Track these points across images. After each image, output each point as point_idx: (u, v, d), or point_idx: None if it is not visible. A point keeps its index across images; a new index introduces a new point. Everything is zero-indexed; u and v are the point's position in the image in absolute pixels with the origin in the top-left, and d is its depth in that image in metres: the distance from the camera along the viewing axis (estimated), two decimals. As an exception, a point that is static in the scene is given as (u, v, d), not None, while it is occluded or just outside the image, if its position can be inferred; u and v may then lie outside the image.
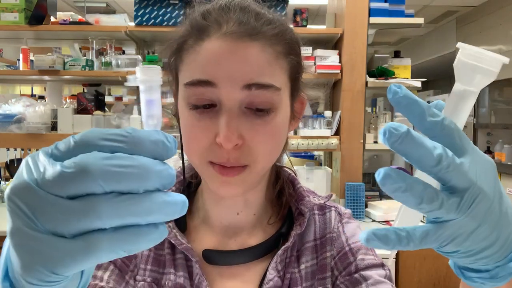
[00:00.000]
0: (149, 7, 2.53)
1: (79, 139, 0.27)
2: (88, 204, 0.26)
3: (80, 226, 0.26)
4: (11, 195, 0.27)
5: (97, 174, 0.25)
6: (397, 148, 0.31)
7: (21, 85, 4.85)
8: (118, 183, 0.26)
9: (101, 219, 0.26)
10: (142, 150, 0.27)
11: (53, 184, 0.26)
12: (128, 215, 0.26)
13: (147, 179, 0.26)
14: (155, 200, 0.27)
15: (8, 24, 2.62)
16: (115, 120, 2.58)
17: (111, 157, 0.26)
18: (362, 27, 2.57)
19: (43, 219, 0.26)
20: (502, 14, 5.13)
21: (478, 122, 6.02)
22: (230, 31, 0.54)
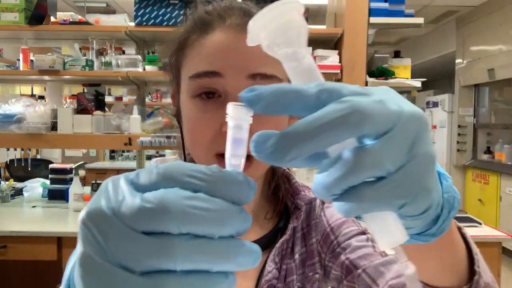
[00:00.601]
0: (149, 7, 2.53)
1: (163, 172, 0.26)
2: (163, 243, 0.24)
3: (151, 264, 0.24)
4: (86, 220, 0.26)
5: (177, 214, 0.24)
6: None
7: (21, 85, 4.85)
8: (195, 226, 0.25)
9: (174, 261, 0.24)
10: (224, 192, 0.26)
11: (130, 217, 0.25)
12: (201, 261, 0.25)
13: (225, 226, 0.25)
14: (230, 248, 0.25)
15: (8, 24, 2.62)
16: (115, 120, 2.58)
17: (193, 198, 0.25)
18: (362, 27, 2.57)
19: (115, 251, 0.25)
20: (502, 14, 5.13)
21: (478, 122, 6.02)
22: (233, 24, 0.57)
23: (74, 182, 2.60)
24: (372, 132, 0.26)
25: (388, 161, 0.26)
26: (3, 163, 4.20)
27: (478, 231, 2.25)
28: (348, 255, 0.64)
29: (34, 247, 2.16)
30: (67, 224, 2.34)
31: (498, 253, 2.19)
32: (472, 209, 5.54)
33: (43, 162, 4.79)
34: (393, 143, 0.26)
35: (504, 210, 4.96)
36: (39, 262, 2.41)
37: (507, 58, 4.99)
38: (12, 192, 2.91)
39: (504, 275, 2.35)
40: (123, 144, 2.54)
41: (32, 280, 2.73)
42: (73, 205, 2.55)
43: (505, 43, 5.06)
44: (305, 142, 0.25)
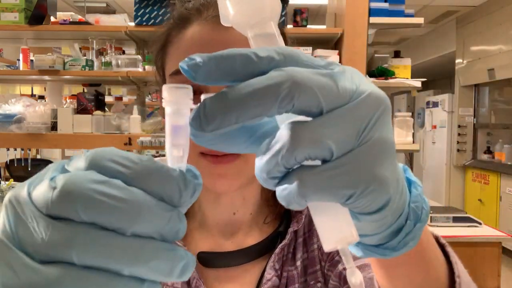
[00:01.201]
0: (149, 7, 2.53)
1: (90, 156, 0.23)
2: (62, 230, 0.21)
3: (49, 252, 0.22)
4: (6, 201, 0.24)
5: (78, 198, 0.21)
6: None
7: (21, 85, 4.85)
8: (101, 216, 0.21)
9: (70, 252, 0.21)
10: (147, 184, 0.22)
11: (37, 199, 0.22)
12: (105, 255, 0.21)
13: (137, 220, 0.21)
14: (144, 249, 0.21)
15: (8, 24, 2.62)
16: (115, 120, 2.58)
17: (103, 182, 0.21)
18: (362, 27, 2.57)
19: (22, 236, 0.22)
20: (502, 14, 5.13)
21: (478, 122, 6.02)
22: (210, 16, 0.55)
23: (74, 182, 2.60)
24: (310, 107, 0.22)
25: (331, 140, 0.22)
26: (3, 163, 4.20)
27: (478, 231, 2.26)
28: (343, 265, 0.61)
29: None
30: (67, 224, 2.33)
31: (498, 253, 2.19)
32: (472, 209, 5.54)
33: (43, 162, 4.79)
34: (339, 121, 0.23)
35: (504, 210, 4.96)
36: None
37: (507, 58, 4.99)
38: (12, 192, 2.90)
39: (504, 275, 2.35)
40: (123, 144, 2.54)
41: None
42: (73, 205, 2.55)
43: (505, 43, 5.06)
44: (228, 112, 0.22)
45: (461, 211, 2.40)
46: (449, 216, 2.31)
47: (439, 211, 2.35)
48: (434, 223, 2.29)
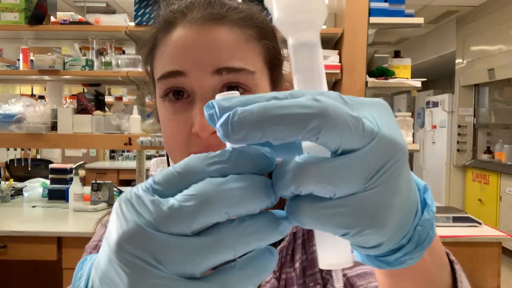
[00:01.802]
0: (149, 7, 2.53)
1: (183, 170, 0.24)
2: (218, 237, 0.23)
3: (211, 262, 0.23)
4: (123, 244, 0.23)
5: (221, 201, 0.23)
6: None
7: (21, 85, 4.85)
8: (240, 208, 0.23)
9: (234, 251, 0.23)
10: (247, 167, 0.24)
11: (173, 223, 0.22)
12: (253, 240, 0.24)
13: (264, 199, 0.24)
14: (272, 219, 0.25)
15: (8, 24, 2.62)
16: (115, 120, 2.58)
17: (227, 182, 0.23)
18: (362, 27, 2.57)
19: (169, 263, 0.22)
20: (502, 14, 5.13)
21: (478, 122, 6.02)
22: (194, 18, 0.54)
23: (74, 182, 2.60)
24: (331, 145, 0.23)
25: (337, 184, 0.23)
26: (3, 163, 4.20)
27: (478, 231, 2.26)
28: (346, 271, 0.60)
29: (34, 247, 2.16)
30: (67, 224, 2.34)
31: (498, 253, 2.19)
32: (472, 209, 5.54)
33: (43, 162, 4.79)
34: (350, 166, 0.23)
35: (504, 210, 4.96)
36: (39, 262, 2.41)
37: (507, 58, 4.99)
38: (12, 192, 2.91)
39: (504, 275, 2.35)
40: (123, 144, 2.54)
41: (32, 280, 2.73)
42: (73, 205, 2.55)
43: (505, 43, 5.06)
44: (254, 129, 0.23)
45: (461, 211, 2.40)
46: (449, 216, 2.31)
47: (439, 211, 2.35)
48: (434, 223, 2.29)
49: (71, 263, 2.14)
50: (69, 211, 2.55)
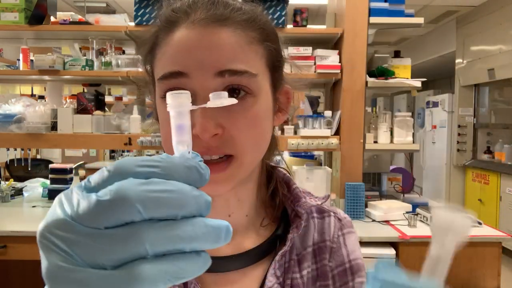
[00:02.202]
0: (149, 7, 2.53)
1: (113, 169, 0.26)
2: (129, 231, 0.24)
3: (121, 255, 0.24)
4: (44, 232, 0.26)
5: (136, 200, 0.24)
6: None
7: (21, 85, 4.85)
8: (156, 209, 0.25)
9: (144, 246, 0.24)
10: (176, 176, 0.26)
11: (89, 216, 0.25)
12: (171, 241, 0.25)
13: (185, 205, 0.25)
14: (197, 226, 0.26)
15: (8, 24, 2.62)
16: (115, 120, 2.58)
17: (148, 183, 0.25)
18: (362, 27, 2.57)
19: (82, 253, 0.25)
20: (502, 14, 5.13)
21: (478, 122, 6.02)
22: (198, 19, 0.53)
23: (74, 182, 2.61)
24: None
25: None
26: (3, 163, 4.20)
27: (478, 231, 2.26)
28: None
29: (34, 247, 2.14)
30: (67, 224, 2.34)
31: (498, 253, 2.19)
32: (472, 209, 5.54)
33: (43, 162, 4.79)
34: None
35: (504, 210, 4.96)
36: (39, 262, 2.41)
37: (507, 58, 4.99)
38: (12, 192, 2.91)
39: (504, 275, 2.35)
40: (123, 144, 2.54)
41: (32, 280, 2.73)
42: (73, 205, 2.55)
43: (505, 43, 5.05)
44: None
45: (461, 211, 2.39)
46: (449, 216, 2.30)
47: (439, 211, 2.35)
48: (434, 223, 2.29)
49: (71, 263, 2.14)
50: (69, 211, 2.55)
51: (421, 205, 2.60)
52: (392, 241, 2.16)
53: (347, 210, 2.50)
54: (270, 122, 0.58)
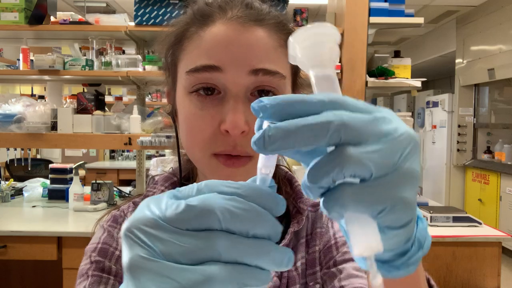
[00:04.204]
0: (149, 6, 2.53)
1: (203, 185, 0.30)
2: (208, 236, 0.28)
3: (198, 255, 0.27)
4: (130, 227, 0.28)
5: (218, 210, 0.27)
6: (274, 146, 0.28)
7: (21, 85, 4.85)
8: (233, 223, 0.28)
9: (218, 251, 0.27)
10: (255, 199, 0.29)
11: (176, 217, 0.28)
12: (241, 253, 0.28)
13: (260, 225, 0.28)
14: (266, 246, 0.28)
15: (8, 24, 2.62)
16: (115, 120, 2.58)
17: (231, 199, 0.28)
18: (362, 27, 2.57)
19: (163, 248, 0.27)
20: (502, 14, 5.13)
21: (478, 122, 6.02)
22: (235, 16, 0.53)
23: (74, 182, 2.61)
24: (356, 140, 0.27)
25: (373, 165, 0.27)
26: (3, 163, 4.20)
27: (478, 231, 2.26)
28: (343, 283, 0.60)
29: (34, 247, 2.16)
30: (67, 224, 2.34)
31: (498, 253, 2.19)
32: (472, 209, 5.54)
33: (43, 162, 4.79)
34: (381, 151, 0.28)
35: (504, 210, 4.96)
36: (39, 262, 2.42)
37: (507, 58, 4.99)
38: (12, 192, 2.91)
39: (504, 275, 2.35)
40: (123, 144, 2.54)
41: (32, 280, 2.73)
42: (73, 205, 2.56)
43: (505, 43, 5.05)
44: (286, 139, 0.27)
45: (461, 211, 2.40)
46: (449, 216, 2.31)
47: (439, 211, 2.35)
48: (434, 223, 2.29)
49: (71, 263, 2.14)
50: (69, 211, 2.55)
51: (421, 205, 2.60)
52: (392, 241, 2.15)
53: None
54: None
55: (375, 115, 0.29)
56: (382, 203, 0.28)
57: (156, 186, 0.69)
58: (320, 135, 0.27)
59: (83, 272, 0.60)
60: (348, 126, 0.27)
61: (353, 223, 0.29)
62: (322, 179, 0.28)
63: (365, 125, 0.28)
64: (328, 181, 0.28)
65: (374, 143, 0.28)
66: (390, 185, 0.28)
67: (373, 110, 0.29)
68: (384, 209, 0.28)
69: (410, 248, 0.33)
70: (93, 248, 0.63)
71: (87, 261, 0.61)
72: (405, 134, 0.29)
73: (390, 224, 0.29)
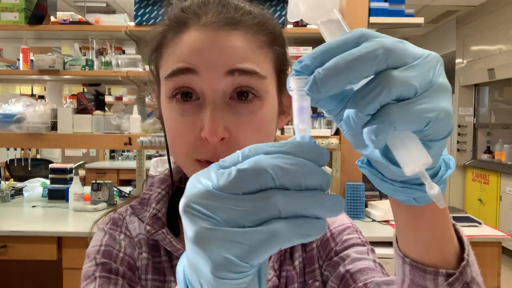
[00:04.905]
0: (149, 6, 2.53)
1: (247, 150, 0.30)
2: (265, 195, 0.29)
3: (259, 216, 0.28)
4: (188, 203, 0.29)
5: (269, 167, 0.28)
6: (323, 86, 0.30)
7: (21, 85, 4.85)
8: (286, 178, 0.29)
9: (277, 208, 0.28)
10: (300, 154, 0.30)
11: (230, 183, 0.29)
12: (299, 206, 0.29)
13: (309, 177, 0.29)
14: (319, 195, 0.29)
15: (8, 24, 2.62)
16: (115, 120, 2.58)
17: (278, 157, 0.29)
18: (362, 27, 2.56)
19: (225, 216, 0.28)
20: (502, 14, 5.13)
21: (478, 122, 6.02)
22: (209, 21, 0.53)
23: (74, 182, 2.61)
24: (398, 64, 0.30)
25: (416, 83, 0.29)
26: (3, 163, 4.20)
27: (478, 231, 2.26)
28: (348, 267, 0.60)
29: (34, 247, 2.16)
30: (67, 224, 2.34)
31: (498, 253, 2.19)
32: (472, 209, 5.54)
33: (43, 162, 4.79)
34: (420, 70, 0.30)
35: (504, 210, 4.96)
36: (39, 262, 2.41)
37: (507, 58, 4.99)
38: (12, 192, 2.91)
39: (504, 274, 2.35)
40: (123, 144, 2.54)
41: (32, 280, 2.73)
42: (73, 205, 2.55)
43: (505, 43, 5.05)
44: (339, 76, 0.29)
45: (461, 211, 2.40)
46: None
47: (439, 211, 2.35)
48: (434, 223, 2.29)
49: (71, 263, 2.14)
50: (69, 211, 2.55)
51: (421, 205, 2.60)
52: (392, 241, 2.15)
53: (347, 210, 2.50)
54: (274, 125, 0.59)
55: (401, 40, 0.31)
56: (428, 115, 0.29)
57: (153, 188, 0.69)
58: (370, 63, 0.29)
59: (89, 274, 0.60)
60: (391, 51, 0.29)
61: (398, 144, 0.31)
62: (371, 103, 0.29)
63: (403, 49, 0.30)
64: (376, 106, 0.30)
65: (413, 64, 0.30)
66: (432, 98, 0.30)
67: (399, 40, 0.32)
68: (431, 120, 0.30)
69: (439, 169, 0.35)
70: (96, 250, 0.62)
71: (91, 263, 0.61)
72: (432, 54, 0.32)
73: (435, 136, 0.31)
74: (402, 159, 0.31)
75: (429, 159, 0.31)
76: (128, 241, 0.64)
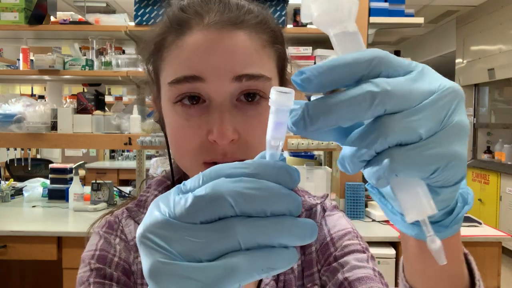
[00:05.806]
0: (149, 6, 2.53)
1: (207, 172, 0.28)
2: (223, 225, 0.26)
3: (217, 248, 0.26)
4: (144, 233, 0.27)
5: (228, 194, 0.26)
6: None
7: (21, 85, 4.85)
8: (248, 205, 0.26)
9: (237, 239, 0.26)
10: (266, 176, 0.27)
11: (186, 212, 0.26)
12: (261, 235, 0.26)
13: (275, 202, 0.27)
14: (285, 223, 0.27)
15: (8, 24, 2.62)
16: (115, 120, 2.58)
17: (239, 181, 0.27)
18: (362, 27, 2.57)
19: (180, 248, 0.26)
20: (502, 14, 5.13)
21: (478, 122, 6.02)
22: (213, 22, 0.51)
23: (74, 181, 2.61)
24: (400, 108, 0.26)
25: (420, 128, 0.26)
26: (3, 163, 4.20)
27: (478, 231, 2.26)
28: (346, 275, 0.59)
29: (34, 247, 2.16)
30: (67, 224, 2.34)
31: (498, 253, 2.19)
32: (472, 209, 5.53)
33: (43, 162, 4.79)
34: (426, 112, 0.27)
35: (504, 210, 4.96)
36: (39, 262, 2.41)
37: (507, 58, 4.99)
38: (12, 192, 2.91)
39: (504, 274, 2.35)
40: (123, 144, 2.54)
41: (32, 280, 2.73)
42: (73, 205, 2.55)
43: (505, 43, 5.05)
44: (328, 116, 0.26)
45: (461, 211, 2.39)
46: (449, 216, 2.31)
47: (439, 211, 2.35)
48: (434, 223, 2.29)
49: (71, 263, 2.14)
50: (69, 211, 2.55)
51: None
52: (392, 241, 2.15)
53: (347, 210, 2.50)
54: None
55: (416, 71, 0.28)
56: (435, 162, 0.27)
57: (150, 190, 0.68)
58: (364, 108, 0.26)
59: (83, 279, 0.60)
60: (392, 95, 0.26)
61: (401, 188, 0.28)
62: (366, 151, 0.27)
63: (409, 89, 0.27)
64: (371, 153, 0.27)
65: (420, 105, 0.27)
66: (441, 143, 0.27)
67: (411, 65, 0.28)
68: (438, 168, 0.27)
69: (455, 206, 0.32)
70: (91, 255, 0.62)
71: (86, 269, 0.60)
72: (450, 89, 0.28)
73: (444, 183, 0.28)
74: (405, 205, 0.28)
75: (433, 210, 0.28)
76: (124, 245, 0.64)
